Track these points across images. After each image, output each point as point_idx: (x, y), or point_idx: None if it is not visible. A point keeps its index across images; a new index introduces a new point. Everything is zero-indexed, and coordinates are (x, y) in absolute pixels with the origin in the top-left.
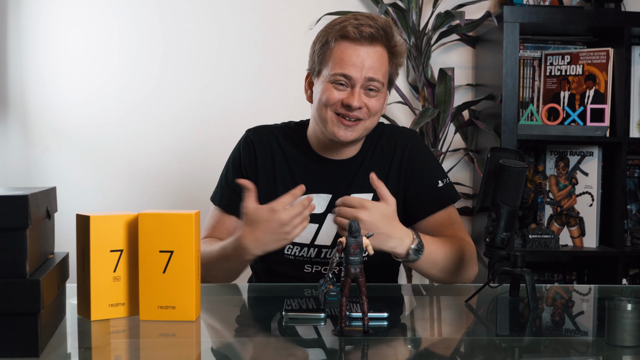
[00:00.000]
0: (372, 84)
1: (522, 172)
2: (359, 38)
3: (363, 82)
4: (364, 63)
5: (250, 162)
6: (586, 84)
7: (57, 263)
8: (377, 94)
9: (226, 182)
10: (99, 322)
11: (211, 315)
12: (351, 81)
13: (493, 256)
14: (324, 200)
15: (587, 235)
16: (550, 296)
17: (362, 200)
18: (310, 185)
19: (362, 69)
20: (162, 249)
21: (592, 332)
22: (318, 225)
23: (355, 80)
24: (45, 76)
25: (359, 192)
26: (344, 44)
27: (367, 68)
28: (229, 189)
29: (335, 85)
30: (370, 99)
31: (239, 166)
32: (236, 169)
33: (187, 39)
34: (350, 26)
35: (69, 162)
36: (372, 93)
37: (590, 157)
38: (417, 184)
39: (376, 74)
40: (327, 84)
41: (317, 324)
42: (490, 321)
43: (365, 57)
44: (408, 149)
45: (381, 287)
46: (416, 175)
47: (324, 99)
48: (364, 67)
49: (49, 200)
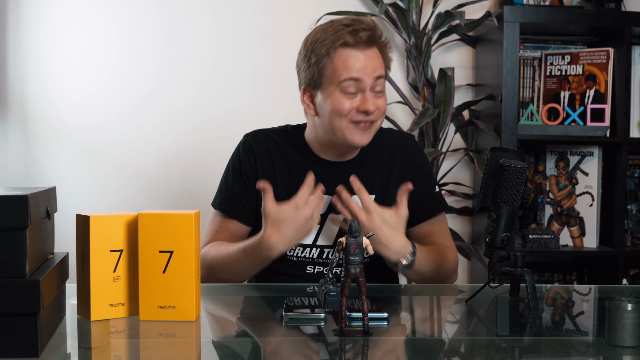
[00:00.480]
0: (379, 83)
1: (522, 172)
2: (358, 43)
3: (372, 84)
4: (368, 66)
5: (250, 166)
6: (586, 83)
7: (57, 263)
8: (383, 93)
9: (226, 186)
10: (98, 322)
11: (211, 315)
12: (361, 84)
13: (493, 256)
14: (325, 202)
15: (587, 235)
16: (550, 296)
17: (368, 203)
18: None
19: (367, 71)
20: (162, 249)
21: (592, 332)
22: (319, 225)
23: (365, 83)
24: (45, 76)
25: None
26: (345, 52)
27: (371, 69)
28: (229, 192)
29: (345, 94)
30: (379, 99)
31: (239, 170)
32: (236, 174)
33: (186, 38)
34: (346, 34)
35: (69, 162)
36: (378, 93)
37: (590, 157)
38: (417, 189)
39: (381, 72)
40: (337, 93)
41: (317, 324)
42: (490, 321)
43: (368, 61)
44: (410, 154)
45: (381, 287)
46: (416, 180)
47: (337, 109)
48: (368, 68)
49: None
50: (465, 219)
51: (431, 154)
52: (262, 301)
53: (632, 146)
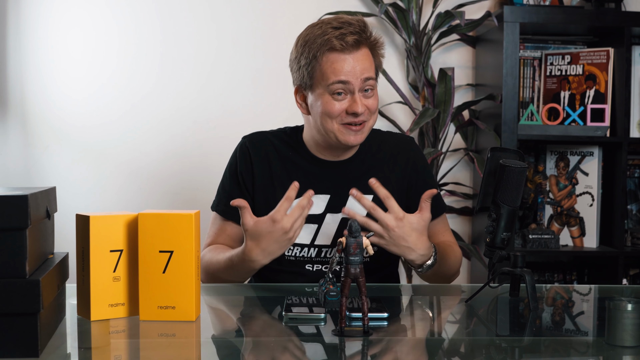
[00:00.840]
0: (368, 84)
1: (522, 172)
2: (345, 47)
3: (360, 86)
4: (356, 68)
5: (246, 168)
6: (586, 83)
7: (57, 263)
8: (373, 92)
9: (223, 189)
10: (98, 322)
11: (211, 315)
12: (349, 87)
13: (493, 256)
14: (322, 201)
15: (587, 235)
16: (550, 296)
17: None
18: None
19: (356, 73)
20: (162, 249)
21: (592, 333)
22: (317, 225)
23: (354, 85)
24: (45, 76)
25: None
26: (332, 56)
27: (359, 71)
28: (226, 195)
29: (334, 97)
30: (369, 99)
31: (235, 173)
32: (233, 176)
33: (186, 38)
34: (333, 38)
35: (69, 162)
36: (368, 93)
37: (590, 157)
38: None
39: (370, 73)
40: (326, 96)
41: (317, 323)
42: (490, 321)
43: (356, 64)
44: (412, 157)
45: (381, 287)
46: (419, 183)
47: (327, 112)
48: (356, 71)
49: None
50: (465, 219)
51: (431, 154)
52: (262, 301)
53: (632, 146)
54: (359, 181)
